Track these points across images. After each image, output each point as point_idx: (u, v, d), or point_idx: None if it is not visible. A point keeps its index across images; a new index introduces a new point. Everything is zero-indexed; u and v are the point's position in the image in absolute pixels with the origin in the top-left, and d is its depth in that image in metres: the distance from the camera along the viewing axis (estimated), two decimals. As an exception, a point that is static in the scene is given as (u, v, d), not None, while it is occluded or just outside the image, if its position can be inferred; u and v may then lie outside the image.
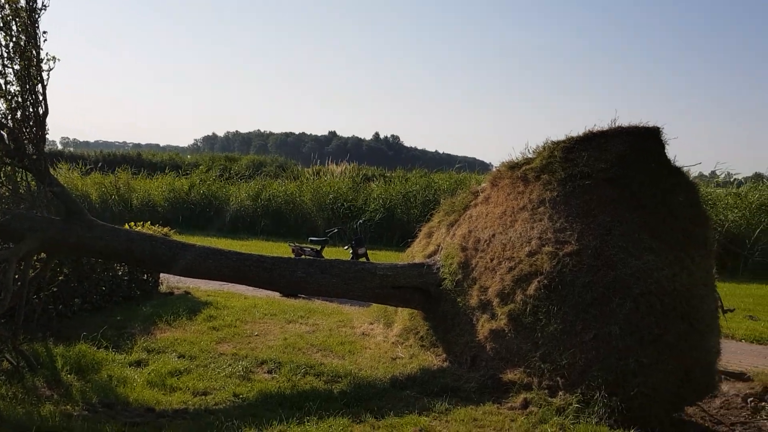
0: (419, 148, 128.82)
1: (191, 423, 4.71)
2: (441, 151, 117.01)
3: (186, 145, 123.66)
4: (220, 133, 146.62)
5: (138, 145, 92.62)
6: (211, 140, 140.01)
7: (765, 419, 5.71)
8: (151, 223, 9.78)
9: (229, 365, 6.06)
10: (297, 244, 11.33)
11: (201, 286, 9.94)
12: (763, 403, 5.96)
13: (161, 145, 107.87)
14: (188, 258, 6.26)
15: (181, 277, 8.63)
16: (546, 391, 5.41)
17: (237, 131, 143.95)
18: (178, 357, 6.27)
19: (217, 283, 9.66)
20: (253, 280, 6.60)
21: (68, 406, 4.92)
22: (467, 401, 5.46)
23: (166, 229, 9.64)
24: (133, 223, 9.44)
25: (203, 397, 5.34)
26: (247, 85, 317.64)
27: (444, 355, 6.49)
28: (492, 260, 6.40)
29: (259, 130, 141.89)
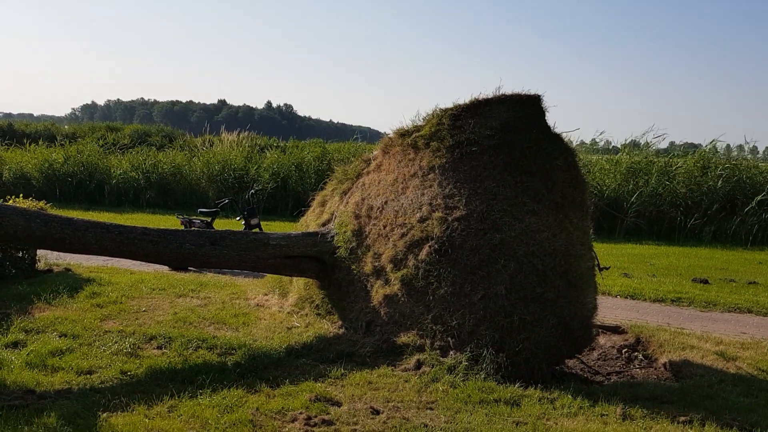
0: (314, 117, 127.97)
1: (75, 403, 4.50)
2: (336, 121, 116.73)
3: (63, 115, 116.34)
4: (101, 102, 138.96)
5: (9, 115, 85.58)
6: (90, 109, 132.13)
7: (637, 368, 6.20)
8: (25, 197, 9.14)
9: (116, 342, 5.82)
10: (186, 217, 10.97)
11: (83, 263, 9.44)
12: (635, 353, 6.47)
13: (35, 114, 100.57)
14: (66, 232, 5.90)
15: (61, 254, 8.15)
16: (438, 351, 5.59)
17: (119, 99, 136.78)
18: (60, 336, 5.94)
19: (100, 259, 9.23)
20: (138, 254, 6.32)
21: (-66, 395, 4.55)
22: (363, 366, 5.55)
23: (41, 203, 9.05)
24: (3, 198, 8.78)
25: (88, 376, 5.10)
26: (128, 50, 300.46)
27: (340, 323, 6.55)
28: (385, 227, 6.49)
29: (142, 98, 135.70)
